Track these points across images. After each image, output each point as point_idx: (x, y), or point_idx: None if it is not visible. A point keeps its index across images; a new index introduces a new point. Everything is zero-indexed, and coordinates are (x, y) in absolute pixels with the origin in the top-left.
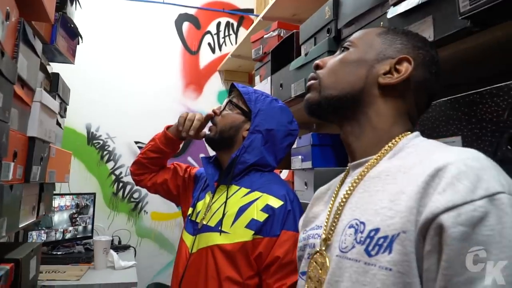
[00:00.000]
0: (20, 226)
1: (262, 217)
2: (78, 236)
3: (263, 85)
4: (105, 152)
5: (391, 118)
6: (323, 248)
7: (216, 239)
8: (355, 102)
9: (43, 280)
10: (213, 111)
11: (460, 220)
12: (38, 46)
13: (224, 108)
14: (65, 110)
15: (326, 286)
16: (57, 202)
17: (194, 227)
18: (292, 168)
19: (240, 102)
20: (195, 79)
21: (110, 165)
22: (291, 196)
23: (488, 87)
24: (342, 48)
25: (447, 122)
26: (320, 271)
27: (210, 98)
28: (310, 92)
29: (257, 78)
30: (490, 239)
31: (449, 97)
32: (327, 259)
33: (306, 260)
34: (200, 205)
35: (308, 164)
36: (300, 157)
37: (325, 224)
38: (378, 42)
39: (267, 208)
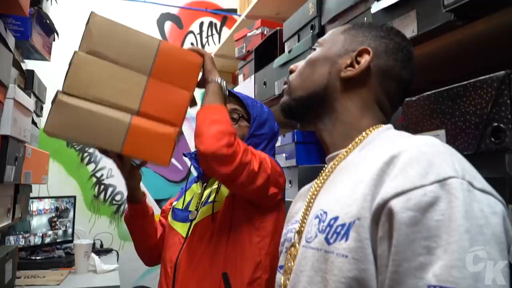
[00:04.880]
0: None
1: None
2: (58, 241)
3: (246, 84)
4: (85, 154)
5: (358, 111)
6: (297, 241)
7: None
8: (321, 99)
9: (21, 286)
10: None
11: (409, 205)
12: (11, 40)
13: (235, 120)
14: (42, 109)
15: (292, 276)
16: (35, 205)
17: (185, 215)
18: None
19: (244, 112)
20: None
21: (91, 167)
22: None
23: (472, 80)
24: (312, 50)
25: (431, 116)
26: (292, 263)
27: None
28: (283, 97)
29: (240, 77)
30: (440, 224)
31: (432, 91)
32: (298, 250)
33: (284, 254)
34: (188, 194)
35: (292, 162)
36: (284, 155)
37: (301, 217)
38: (341, 39)
39: None
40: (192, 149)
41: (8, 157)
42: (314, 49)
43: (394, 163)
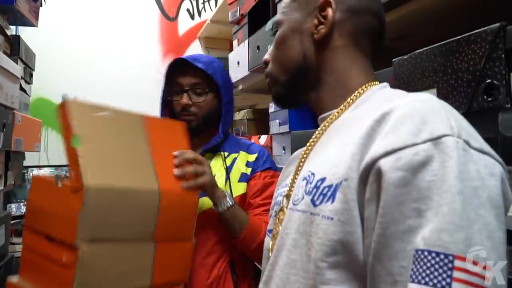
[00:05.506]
0: None
1: (248, 170)
2: None
3: (240, 49)
4: None
5: (345, 67)
6: (285, 205)
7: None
8: (305, 72)
9: (20, 252)
10: (185, 104)
11: (399, 165)
12: None
13: (200, 95)
14: (31, 75)
15: (278, 240)
16: (35, 174)
17: None
18: (270, 133)
19: (206, 83)
20: (175, 47)
21: None
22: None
23: (466, 34)
24: (273, 35)
25: (422, 74)
26: (280, 227)
27: None
28: (271, 90)
29: (235, 42)
30: (432, 185)
31: (424, 48)
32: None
33: (273, 218)
34: None
35: (285, 128)
36: (277, 121)
37: (291, 181)
38: (295, 5)
39: (248, 163)
40: None
41: None
42: (276, 31)
43: (386, 120)
